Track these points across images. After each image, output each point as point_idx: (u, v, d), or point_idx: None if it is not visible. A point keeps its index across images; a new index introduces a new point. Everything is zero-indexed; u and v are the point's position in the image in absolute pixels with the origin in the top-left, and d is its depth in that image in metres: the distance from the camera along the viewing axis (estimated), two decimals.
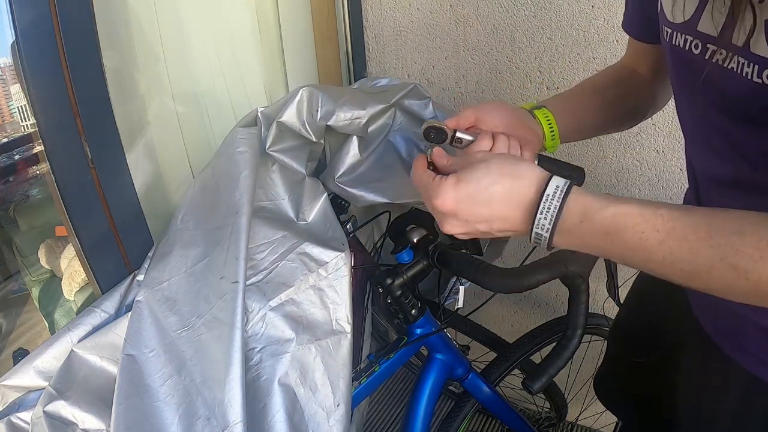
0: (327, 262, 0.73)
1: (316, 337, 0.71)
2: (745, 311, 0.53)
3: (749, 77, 0.40)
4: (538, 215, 0.43)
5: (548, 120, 0.63)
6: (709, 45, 0.45)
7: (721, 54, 0.42)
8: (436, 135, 0.56)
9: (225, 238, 0.68)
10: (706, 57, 0.45)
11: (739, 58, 0.41)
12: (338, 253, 0.73)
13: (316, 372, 0.70)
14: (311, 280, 0.72)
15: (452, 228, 0.48)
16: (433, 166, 0.53)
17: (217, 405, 0.61)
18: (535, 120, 0.63)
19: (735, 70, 0.41)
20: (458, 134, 0.57)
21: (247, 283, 0.66)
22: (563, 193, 0.43)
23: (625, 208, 0.41)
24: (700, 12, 0.44)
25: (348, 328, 0.72)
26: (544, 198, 0.43)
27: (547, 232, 0.43)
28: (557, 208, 0.42)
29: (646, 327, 0.76)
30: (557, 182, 0.44)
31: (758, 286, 0.37)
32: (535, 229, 0.44)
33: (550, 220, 0.43)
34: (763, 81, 0.39)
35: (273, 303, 0.69)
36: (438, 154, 0.53)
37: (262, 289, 0.70)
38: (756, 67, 0.40)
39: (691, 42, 0.47)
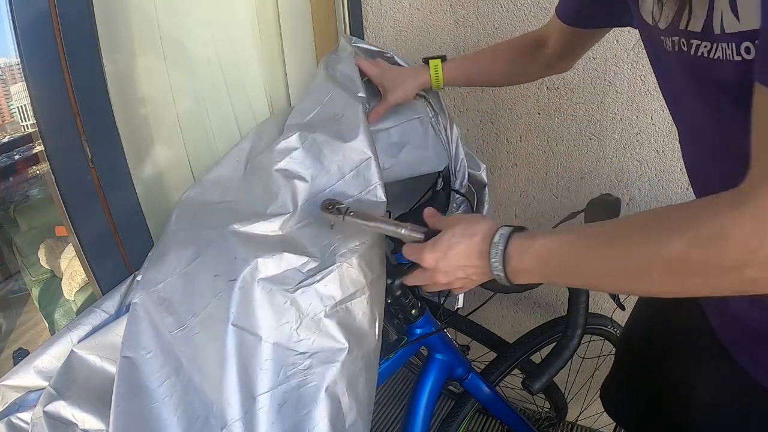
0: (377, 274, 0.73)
1: (364, 348, 0.70)
2: (764, 328, 0.53)
3: (732, 58, 0.42)
4: (491, 260, 0.55)
5: (436, 71, 0.91)
6: (692, 41, 0.46)
7: (705, 47, 0.44)
8: (332, 209, 0.66)
9: (219, 238, 0.68)
10: (693, 53, 0.46)
11: (719, 44, 0.42)
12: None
13: (359, 384, 0.69)
14: (367, 291, 0.71)
15: (442, 278, 0.60)
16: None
17: (215, 404, 0.61)
18: (427, 67, 0.92)
19: (721, 58, 0.42)
20: (347, 218, 0.66)
21: (303, 283, 0.66)
22: (504, 240, 0.54)
23: (544, 241, 0.51)
24: (680, 13, 0.46)
25: (379, 342, 0.73)
26: (491, 248, 0.54)
27: (500, 272, 0.54)
28: (501, 252, 0.54)
29: (659, 339, 0.75)
30: (501, 232, 0.55)
31: (673, 266, 0.42)
32: (493, 272, 0.55)
33: (500, 262, 0.54)
34: (743, 57, 0.40)
35: (329, 309, 0.67)
36: (429, 214, 0.66)
37: (320, 293, 0.67)
38: (734, 45, 0.41)
39: (679, 41, 0.48)
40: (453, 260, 0.58)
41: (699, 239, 0.41)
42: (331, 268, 0.68)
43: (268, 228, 0.71)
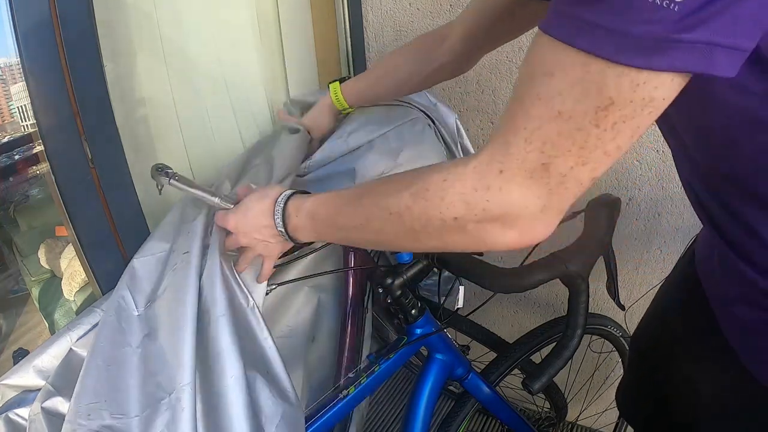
0: None
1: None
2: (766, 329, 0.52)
3: None
4: (275, 218, 0.61)
5: (335, 94, 0.92)
6: None
7: None
8: (161, 171, 0.69)
9: (187, 228, 0.71)
10: None
11: None
12: None
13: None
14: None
15: (243, 239, 0.65)
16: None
17: (168, 370, 0.61)
18: (328, 92, 0.93)
19: None
20: (172, 182, 0.69)
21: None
22: (284, 200, 0.60)
23: (313, 200, 0.58)
24: None
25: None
26: (275, 207, 0.61)
27: (282, 228, 0.61)
28: (281, 211, 0.60)
29: (667, 339, 0.74)
30: (284, 194, 0.61)
31: (401, 218, 0.45)
32: (278, 229, 0.61)
33: (281, 219, 0.60)
34: None
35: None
36: (242, 191, 0.69)
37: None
38: None
39: None
40: (250, 221, 0.63)
41: (422, 191, 0.43)
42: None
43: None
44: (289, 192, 0.62)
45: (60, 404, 0.61)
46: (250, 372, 0.64)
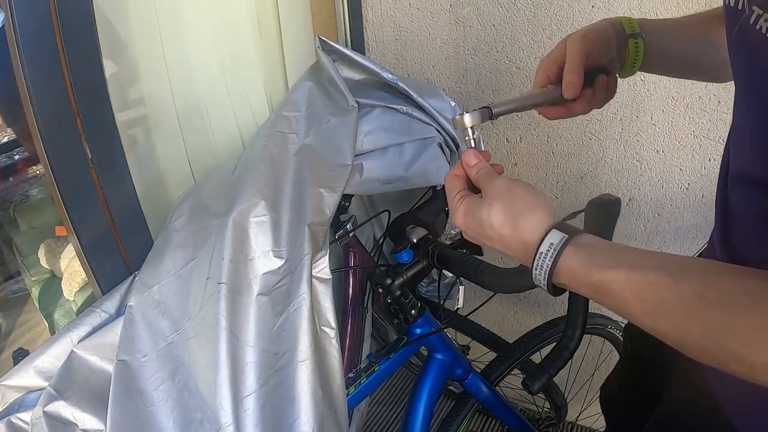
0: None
1: (327, 344, 0.72)
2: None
3: None
4: (534, 270, 0.44)
5: (637, 53, 0.61)
6: (755, 7, 0.38)
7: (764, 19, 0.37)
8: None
9: (211, 239, 0.68)
10: (751, 22, 0.38)
11: None
12: None
13: (329, 378, 0.71)
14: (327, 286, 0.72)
15: (466, 235, 0.51)
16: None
17: (210, 408, 0.61)
18: (626, 48, 0.61)
19: None
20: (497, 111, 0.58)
21: (278, 284, 0.66)
22: (559, 247, 0.42)
23: (611, 275, 0.39)
24: None
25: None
26: (537, 256, 0.44)
27: (543, 285, 0.44)
28: (548, 267, 0.43)
29: (648, 354, 0.74)
30: (550, 241, 0.43)
31: (753, 372, 0.32)
32: (534, 280, 0.45)
33: (544, 276, 0.43)
34: None
35: (298, 308, 0.68)
36: (468, 158, 0.54)
37: (289, 291, 0.68)
38: None
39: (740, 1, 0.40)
40: (485, 240, 0.48)
41: None
42: (299, 268, 0.67)
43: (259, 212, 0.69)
44: (558, 238, 0.43)
45: (62, 408, 0.61)
46: (324, 410, 0.66)
